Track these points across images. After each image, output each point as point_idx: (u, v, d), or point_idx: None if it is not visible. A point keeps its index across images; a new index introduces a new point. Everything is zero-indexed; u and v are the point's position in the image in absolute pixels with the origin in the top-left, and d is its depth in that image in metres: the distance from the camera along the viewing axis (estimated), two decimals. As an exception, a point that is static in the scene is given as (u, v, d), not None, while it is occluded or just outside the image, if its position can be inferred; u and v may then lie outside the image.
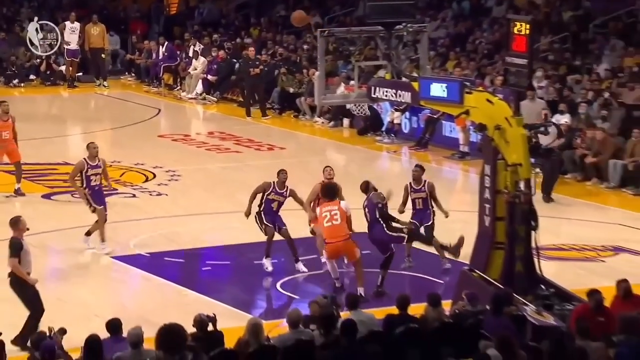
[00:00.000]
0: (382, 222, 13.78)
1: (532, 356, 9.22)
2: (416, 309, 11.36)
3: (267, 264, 14.66)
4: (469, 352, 9.90)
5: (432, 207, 15.11)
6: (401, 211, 14.96)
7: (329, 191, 13.93)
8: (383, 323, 11.24)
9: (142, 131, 25.02)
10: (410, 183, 15.21)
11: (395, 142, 24.09)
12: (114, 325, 10.65)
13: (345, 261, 14.24)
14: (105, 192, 15.93)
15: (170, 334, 10.20)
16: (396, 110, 23.99)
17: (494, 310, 10.95)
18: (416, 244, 14.61)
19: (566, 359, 9.23)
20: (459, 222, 15.27)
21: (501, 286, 12.28)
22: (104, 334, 10.41)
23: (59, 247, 12.10)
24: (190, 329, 10.62)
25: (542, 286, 12.68)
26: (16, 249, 12.14)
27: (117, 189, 19.34)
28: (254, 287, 14.47)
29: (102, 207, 15.48)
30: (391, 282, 13.75)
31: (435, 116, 22.91)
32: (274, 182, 14.77)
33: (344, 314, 11.07)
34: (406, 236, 13.97)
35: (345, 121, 25.56)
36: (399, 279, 14.11)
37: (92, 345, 9.97)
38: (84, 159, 15.70)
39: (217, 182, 16.74)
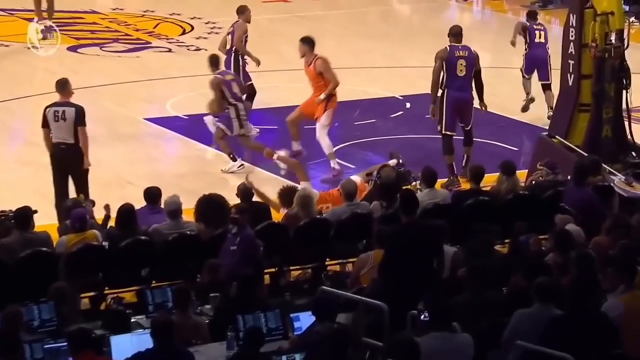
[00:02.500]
0: (472, 83, 13.54)
1: (620, 230, 9.18)
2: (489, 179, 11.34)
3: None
4: (546, 228, 9.88)
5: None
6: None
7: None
8: (452, 197, 11.25)
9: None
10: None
11: (468, -11, 23.72)
12: (152, 194, 10.67)
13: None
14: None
15: (211, 205, 10.29)
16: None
17: (576, 180, 10.89)
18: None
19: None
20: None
21: (585, 153, 12.22)
22: (138, 203, 10.49)
23: (88, 107, 12.05)
24: (233, 200, 10.71)
25: (633, 153, 12.60)
26: (84, 116, 11.90)
27: (150, 42, 19.40)
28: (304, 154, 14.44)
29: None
30: (461, 150, 13.62)
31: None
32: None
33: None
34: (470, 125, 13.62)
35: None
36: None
37: (125, 215, 10.07)
38: (217, 74, 14.08)
39: (262, 35, 16.54)
